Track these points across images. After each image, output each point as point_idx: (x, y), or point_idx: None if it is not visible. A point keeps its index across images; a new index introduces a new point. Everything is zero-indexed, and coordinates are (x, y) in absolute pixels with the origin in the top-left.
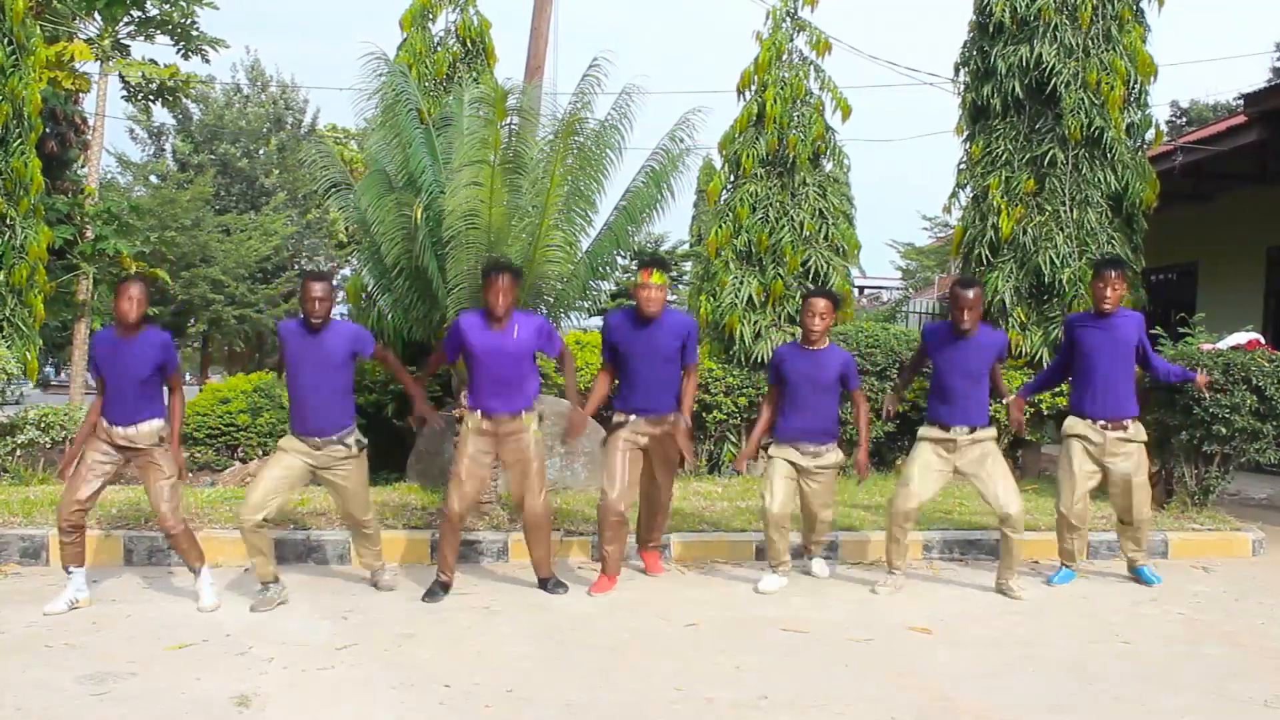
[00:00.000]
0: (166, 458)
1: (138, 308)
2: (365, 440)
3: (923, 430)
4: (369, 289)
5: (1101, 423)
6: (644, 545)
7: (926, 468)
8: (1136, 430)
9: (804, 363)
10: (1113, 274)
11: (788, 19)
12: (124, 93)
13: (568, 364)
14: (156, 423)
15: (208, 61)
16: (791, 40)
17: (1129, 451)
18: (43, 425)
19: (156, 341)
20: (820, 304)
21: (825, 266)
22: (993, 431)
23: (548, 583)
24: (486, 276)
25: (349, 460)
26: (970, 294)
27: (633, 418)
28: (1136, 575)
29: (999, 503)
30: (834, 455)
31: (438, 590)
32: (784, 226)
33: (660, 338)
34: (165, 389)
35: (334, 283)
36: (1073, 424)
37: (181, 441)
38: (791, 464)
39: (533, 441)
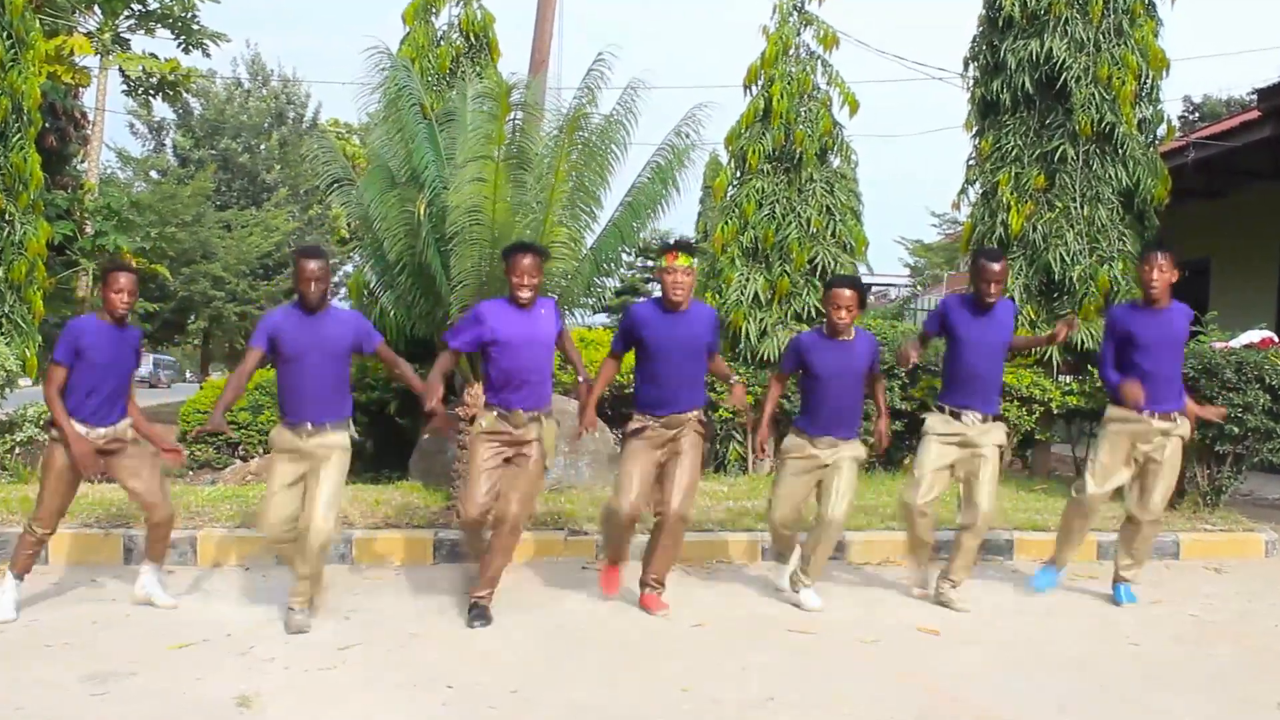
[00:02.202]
0: (138, 449)
1: (129, 300)
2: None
3: (931, 418)
4: (371, 285)
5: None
6: (647, 583)
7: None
8: (1183, 422)
9: (832, 354)
10: (1159, 256)
11: (795, 13)
12: (124, 87)
13: (568, 341)
14: (128, 419)
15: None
16: (798, 35)
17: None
18: (42, 423)
19: (138, 337)
20: (846, 295)
21: (832, 263)
22: (1002, 428)
23: (477, 607)
24: (510, 257)
25: (337, 452)
26: (997, 266)
27: (651, 422)
28: (1114, 592)
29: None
30: (859, 447)
31: (480, 612)
32: (791, 223)
33: (692, 330)
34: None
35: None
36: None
37: (180, 439)
38: (812, 458)
39: (541, 455)
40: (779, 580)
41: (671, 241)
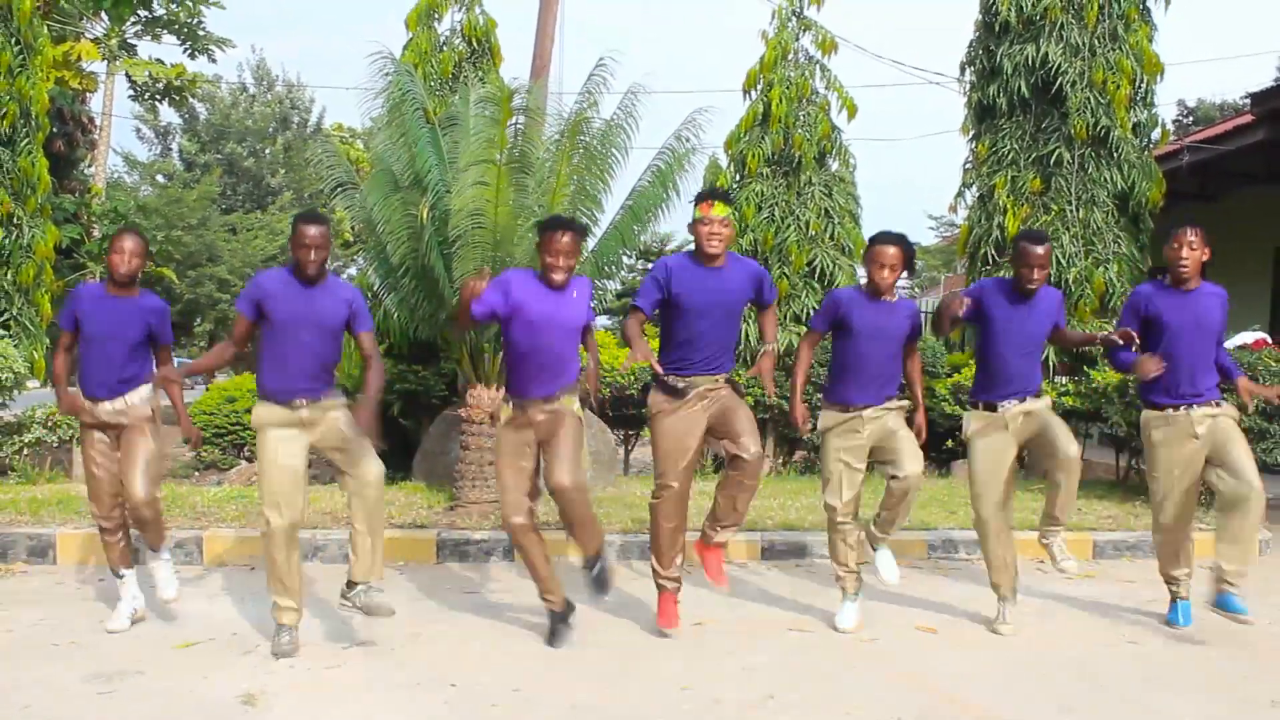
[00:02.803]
0: (153, 429)
1: (130, 260)
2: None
3: (968, 419)
4: (375, 288)
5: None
6: (710, 538)
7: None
8: (1227, 408)
9: (875, 314)
10: (1189, 232)
11: (793, 18)
12: (131, 92)
13: (591, 336)
14: (145, 390)
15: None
16: (797, 40)
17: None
18: (50, 424)
19: (152, 305)
20: (890, 253)
21: (831, 266)
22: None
23: (595, 561)
24: (547, 233)
25: (342, 411)
26: (1041, 250)
27: (688, 385)
28: (1223, 603)
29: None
30: (901, 404)
31: (559, 627)
32: (789, 226)
33: (731, 287)
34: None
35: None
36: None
37: (185, 441)
38: (861, 428)
39: (571, 418)
40: (840, 619)
41: (705, 190)
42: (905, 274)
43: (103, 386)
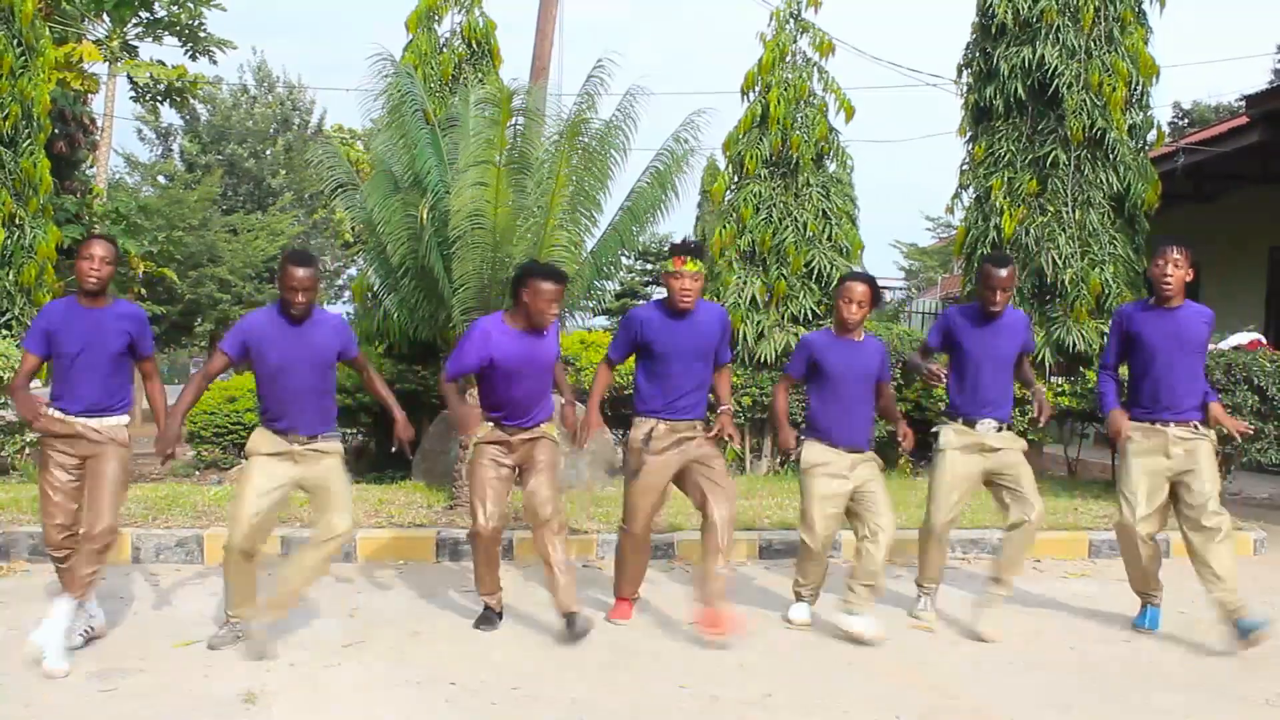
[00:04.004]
0: (122, 455)
1: (101, 267)
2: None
3: (945, 431)
4: (375, 289)
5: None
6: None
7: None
8: (1206, 431)
9: (846, 354)
10: (1174, 250)
11: (791, 20)
12: (132, 93)
13: (559, 368)
14: (124, 418)
15: (215, 63)
16: (795, 42)
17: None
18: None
19: (128, 313)
20: (859, 290)
21: (829, 267)
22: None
23: (574, 619)
24: (536, 281)
25: (336, 459)
26: (1004, 272)
27: (659, 426)
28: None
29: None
30: (875, 459)
31: (492, 617)
32: (787, 227)
33: (699, 333)
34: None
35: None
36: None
37: (188, 440)
38: (838, 473)
39: (549, 443)
40: (792, 612)
41: (680, 242)
42: (872, 309)
43: (80, 402)
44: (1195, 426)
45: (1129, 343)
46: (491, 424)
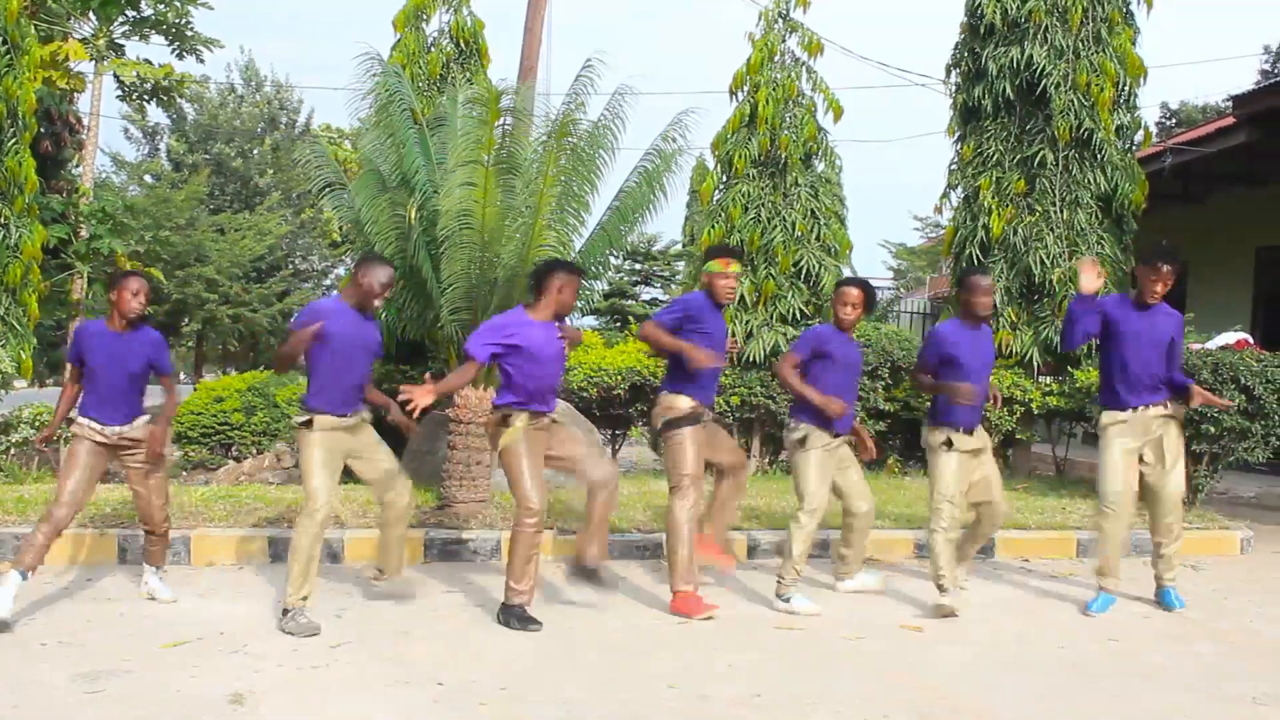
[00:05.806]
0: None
1: (140, 299)
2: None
3: (934, 433)
4: None
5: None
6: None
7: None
8: (1175, 409)
9: (846, 349)
10: (1166, 270)
11: (780, 20)
12: (119, 92)
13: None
14: (145, 418)
15: (202, 61)
16: (784, 41)
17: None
18: (37, 424)
19: (152, 339)
20: (854, 294)
21: (817, 266)
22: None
23: (596, 573)
24: (566, 273)
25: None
26: (988, 281)
27: (699, 406)
28: (1162, 598)
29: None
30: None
31: (530, 615)
32: (776, 227)
33: (723, 327)
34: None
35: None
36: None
37: (175, 440)
38: (835, 451)
39: (563, 426)
40: (795, 603)
41: (724, 245)
42: (866, 313)
43: (104, 409)
44: (1164, 405)
45: (1106, 329)
46: (527, 415)
